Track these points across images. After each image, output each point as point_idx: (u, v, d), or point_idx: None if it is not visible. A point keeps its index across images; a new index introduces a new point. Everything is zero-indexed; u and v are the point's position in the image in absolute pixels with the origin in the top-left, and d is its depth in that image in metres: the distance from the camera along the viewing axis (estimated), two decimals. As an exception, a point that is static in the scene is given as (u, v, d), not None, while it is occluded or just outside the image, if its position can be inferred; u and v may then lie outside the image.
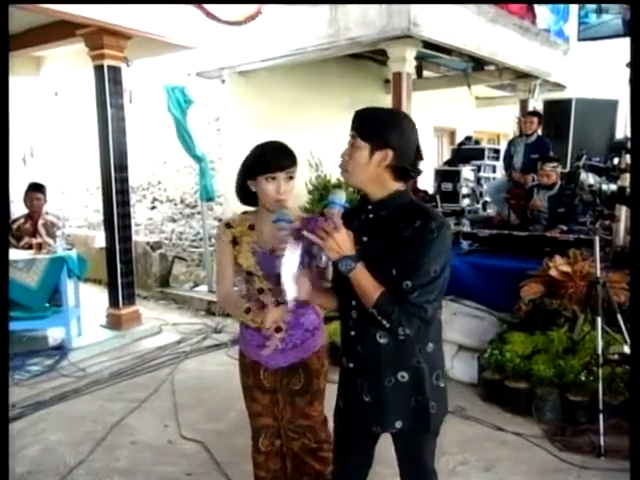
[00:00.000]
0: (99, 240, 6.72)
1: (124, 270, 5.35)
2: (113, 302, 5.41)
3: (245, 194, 2.13)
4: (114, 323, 5.37)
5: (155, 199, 8.00)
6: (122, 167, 5.29)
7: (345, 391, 1.83)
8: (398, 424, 1.70)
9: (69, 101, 8.36)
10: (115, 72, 5.18)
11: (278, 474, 2.29)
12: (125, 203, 5.36)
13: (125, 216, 5.35)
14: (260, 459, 2.30)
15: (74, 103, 8.15)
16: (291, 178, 2.03)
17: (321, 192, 5.67)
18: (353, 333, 1.74)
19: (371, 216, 1.70)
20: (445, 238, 1.59)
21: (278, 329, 2.12)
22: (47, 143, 8.82)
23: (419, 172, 1.71)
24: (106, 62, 5.08)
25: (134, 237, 5.80)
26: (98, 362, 4.69)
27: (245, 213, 2.20)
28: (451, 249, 1.65)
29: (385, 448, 1.88)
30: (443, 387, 1.76)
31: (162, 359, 4.80)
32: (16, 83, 6.82)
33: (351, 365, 1.77)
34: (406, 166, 1.65)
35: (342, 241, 1.56)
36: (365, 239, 1.68)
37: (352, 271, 1.57)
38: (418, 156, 1.68)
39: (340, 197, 1.60)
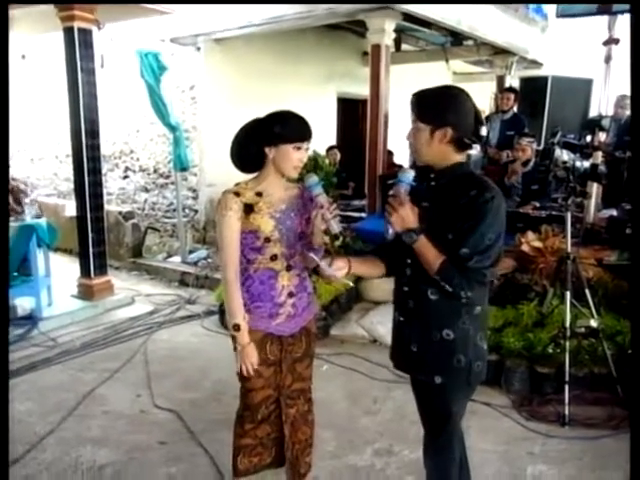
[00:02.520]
0: (69, 209, 6.57)
1: (95, 239, 5.24)
2: (84, 272, 5.31)
3: (248, 160, 2.11)
4: (85, 293, 5.29)
5: (128, 168, 7.84)
6: (93, 134, 5.14)
7: (395, 342, 2.00)
8: (437, 379, 1.83)
9: (38, 65, 8.07)
10: (86, 35, 4.99)
11: (264, 440, 2.31)
12: (96, 171, 5.22)
13: (96, 184, 5.22)
14: (249, 426, 2.26)
15: (43, 67, 7.88)
16: (307, 149, 2.12)
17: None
18: (406, 289, 1.89)
19: (432, 184, 1.85)
20: (499, 208, 1.71)
21: (291, 294, 2.14)
22: (14, 109, 8.52)
23: (479, 139, 1.81)
24: (76, 24, 4.88)
25: (106, 207, 5.68)
26: (69, 332, 4.63)
27: (238, 184, 2.13)
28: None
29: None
30: (485, 348, 1.89)
31: (135, 330, 4.76)
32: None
33: (402, 318, 1.93)
34: (464, 139, 1.77)
35: (406, 215, 1.70)
36: (425, 204, 1.80)
37: (415, 242, 1.71)
38: (477, 123, 1.79)
39: (407, 176, 1.77)
